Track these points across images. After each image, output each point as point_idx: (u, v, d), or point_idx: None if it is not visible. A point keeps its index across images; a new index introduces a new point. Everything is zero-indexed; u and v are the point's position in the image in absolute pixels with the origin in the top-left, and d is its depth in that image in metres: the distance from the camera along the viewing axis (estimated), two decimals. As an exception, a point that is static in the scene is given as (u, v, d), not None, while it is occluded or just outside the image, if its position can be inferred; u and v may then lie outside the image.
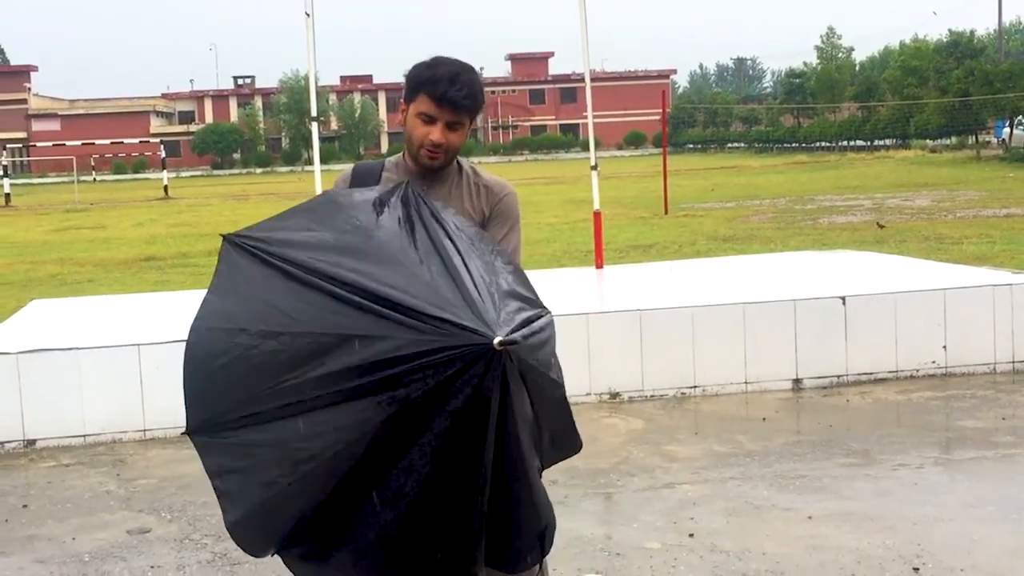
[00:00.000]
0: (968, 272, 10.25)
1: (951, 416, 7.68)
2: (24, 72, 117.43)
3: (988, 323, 8.71)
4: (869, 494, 6.05)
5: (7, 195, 50.45)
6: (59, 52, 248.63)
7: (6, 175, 54.87)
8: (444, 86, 3.38)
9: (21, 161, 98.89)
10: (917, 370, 8.62)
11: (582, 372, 8.25)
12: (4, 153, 60.87)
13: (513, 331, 2.55)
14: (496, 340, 2.47)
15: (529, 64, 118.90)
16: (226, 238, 2.87)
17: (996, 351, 8.71)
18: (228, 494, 2.89)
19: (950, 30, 75.11)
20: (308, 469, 2.62)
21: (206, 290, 2.88)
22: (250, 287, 2.76)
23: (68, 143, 70.84)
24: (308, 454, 2.60)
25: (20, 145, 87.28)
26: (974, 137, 57.54)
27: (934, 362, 8.65)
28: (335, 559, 2.72)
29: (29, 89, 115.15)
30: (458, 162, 3.62)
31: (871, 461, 6.64)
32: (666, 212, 25.81)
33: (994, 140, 57.70)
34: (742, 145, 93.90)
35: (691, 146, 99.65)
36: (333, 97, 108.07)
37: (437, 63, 3.45)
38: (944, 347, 8.65)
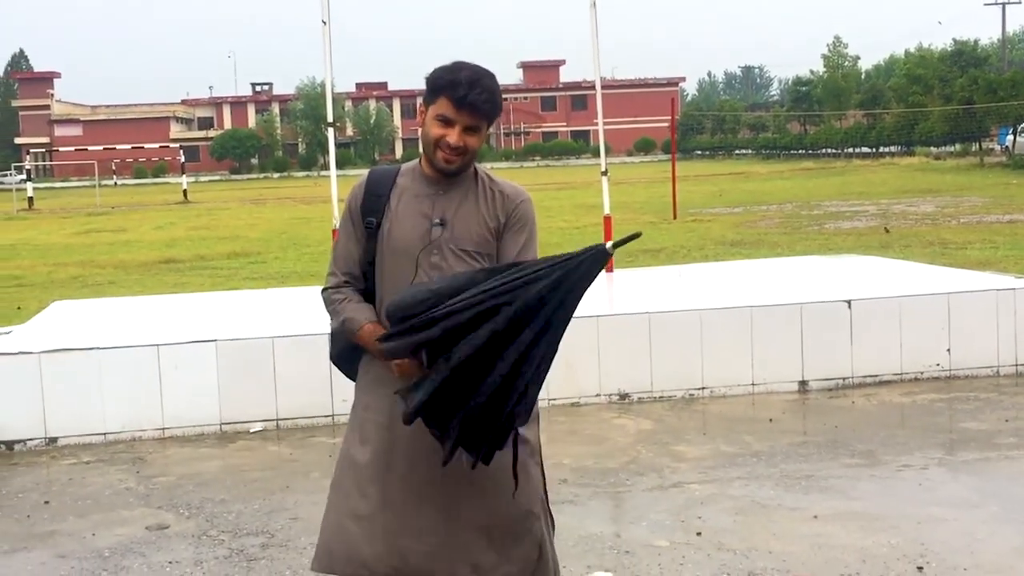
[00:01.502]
0: (972, 276, 10.23)
1: (955, 418, 7.66)
2: (47, 78, 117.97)
3: (991, 327, 8.68)
4: (874, 494, 6.04)
5: (30, 199, 50.62)
6: (82, 59, 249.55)
7: (29, 179, 55.12)
8: (464, 90, 3.38)
9: (44, 165, 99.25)
10: (921, 373, 8.60)
11: (592, 373, 8.25)
12: (28, 158, 61.12)
13: None
14: (608, 245, 3.18)
15: (541, 72, 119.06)
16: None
17: (999, 354, 8.68)
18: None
19: (954, 39, 75.10)
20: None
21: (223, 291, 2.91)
22: None
23: (90, 148, 71.21)
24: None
25: (43, 150, 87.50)
26: (978, 144, 57.30)
27: (938, 365, 8.62)
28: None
29: (52, 95, 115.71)
30: (474, 167, 3.60)
31: (876, 462, 6.63)
32: (675, 217, 25.79)
33: (997, 147, 57.45)
34: (749, 152, 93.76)
35: (699, 152, 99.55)
36: (349, 104, 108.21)
37: (459, 67, 3.45)
38: (948, 350, 8.62)
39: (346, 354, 3.67)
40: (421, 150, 3.58)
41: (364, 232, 3.55)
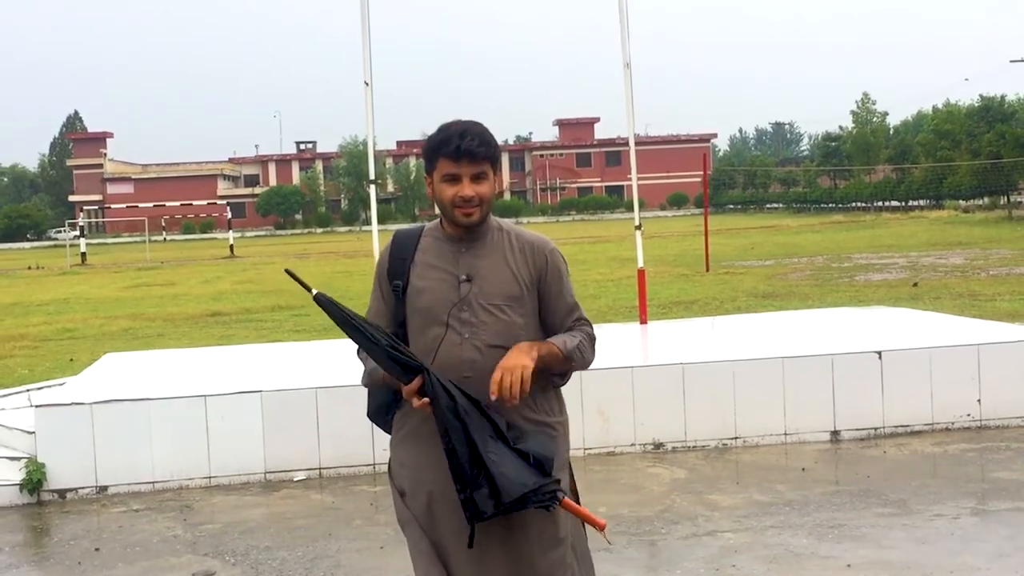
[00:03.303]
0: (1001, 328, 10.13)
1: (986, 467, 7.56)
2: (100, 138, 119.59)
3: (1022, 377, 8.59)
4: (907, 543, 5.97)
5: (83, 254, 51.23)
6: (133, 119, 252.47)
7: (82, 235, 55.82)
8: (456, 141, 3.40)
9: (97, 222, 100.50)
10: (952, 423, 8.51)
11: (627, 423, 8.22)
12: (81, 215, 61.95)
13: None
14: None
15: (576, 129, 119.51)
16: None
17: (1030, 404, 8.59)
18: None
19: (981, 95, 74.77)
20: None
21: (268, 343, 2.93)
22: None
23: (141, 205, 71.98)
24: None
25: (96, 207, 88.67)
26: (1006, 197, 57.01)
27: (969, 415, 8.54)
28: None
29: (105, 154, 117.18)
30: (497, 222, 3.60)
31: (908, 511, 6.56)
32: (707, 269, 25.73)
33: (1025, 200, 57.14)
34: (780, 205, 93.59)
35: (731, 206, 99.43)
36: (390, 161, 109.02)
37: (445, 127, 3.48)
38: (979, 400, 8.54)
39: (382, 411, 3.68)
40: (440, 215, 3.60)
41: (392, 296, 3.55)
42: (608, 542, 3.57)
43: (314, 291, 3.32)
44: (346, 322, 3.31)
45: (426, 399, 3.28)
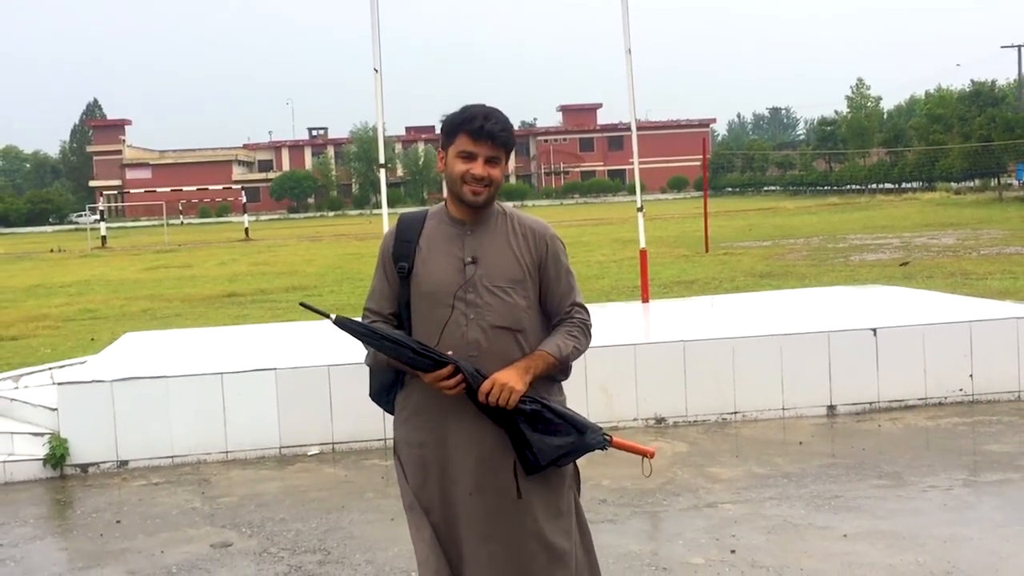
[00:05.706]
0: (992, 306, 10.10)
1: (978, 441, 7.55)
2: (119, 126, 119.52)
3: (1012, 353, 8.57)
4: (901, 514, 5.96)
5: (103, 238, 51.25)
6: (150, 107, 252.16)
7: (102, 219, 55.82)
8: (480, 121, 3.38)
9: (116, 206, 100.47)
10: (945, 397, 8.50)
11: (630, 398, 8.22)
12: (101, 199, 62.00)
13: None
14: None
15: (579, 114, 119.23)
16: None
17: (1020, 379, 8.57)
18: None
19: (973, 80, 74.45)
20: None
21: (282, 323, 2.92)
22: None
23: (158, 190, 71.85)
24: None
25: (115, 192, 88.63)
26: (996, 180, 56.82)
27: (961, 390, 8.52)
28: None
29: (124, 141, 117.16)
30: (500, 206, 3.58)
31: (902, 483, 6.55)
32: (707, 250, 25.69)
33: (1015, 182, 56.87)
34: (777, 188, 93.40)
35: (730, 189, 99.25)
36: (399, 146, 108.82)
37: (470, 107, 3.46)
38: (971, 376, 8.52)
39: (384, 390, 3.67)
40: (446, 193, 3.56)
41: (397, 277, 3.52)
42: (649, 471, 3.88)
43: (332, 316, 3.39)
44: (369, 335, 3.37)
45: (462, 385, 3.33)
